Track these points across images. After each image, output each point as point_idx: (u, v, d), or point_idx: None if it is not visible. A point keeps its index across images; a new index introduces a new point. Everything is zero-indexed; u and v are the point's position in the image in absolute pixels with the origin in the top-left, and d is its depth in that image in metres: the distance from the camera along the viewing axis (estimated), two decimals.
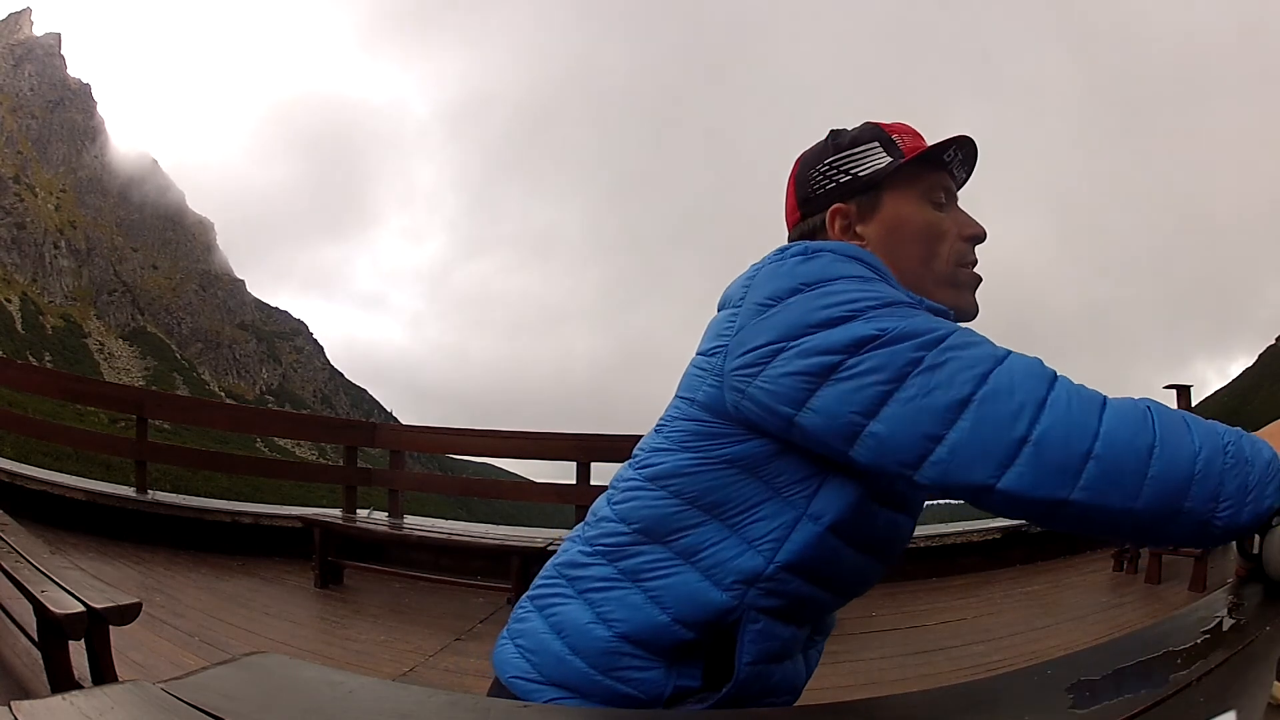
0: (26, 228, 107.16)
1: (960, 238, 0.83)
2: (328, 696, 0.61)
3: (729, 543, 0.73)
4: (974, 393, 0.61)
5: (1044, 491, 0.59)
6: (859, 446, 0.64)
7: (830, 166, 0.85)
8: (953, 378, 0.62)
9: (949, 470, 0.61)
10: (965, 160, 0.85)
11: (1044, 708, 0.57)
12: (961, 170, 0.86)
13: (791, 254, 0.74)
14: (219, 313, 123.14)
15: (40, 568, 2.12)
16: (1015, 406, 0.60)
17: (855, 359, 0.64)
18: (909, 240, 0.81)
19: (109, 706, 0.52)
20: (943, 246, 0.82)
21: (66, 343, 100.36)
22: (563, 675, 0.75)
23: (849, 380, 0.64)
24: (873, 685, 2.60)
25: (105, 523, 4.36)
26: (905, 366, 0.63)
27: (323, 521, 4.15)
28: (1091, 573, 4.47)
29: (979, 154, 0.85)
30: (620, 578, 0.76)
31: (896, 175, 0.82)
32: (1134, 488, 0.59)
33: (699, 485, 0.75)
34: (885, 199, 0.83)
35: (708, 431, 0.75)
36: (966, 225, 0.83)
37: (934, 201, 0.83)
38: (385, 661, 2.96)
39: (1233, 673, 0.61)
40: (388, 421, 39.59)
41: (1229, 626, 0.73)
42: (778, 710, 0.64)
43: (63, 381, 6.46)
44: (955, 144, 0.82)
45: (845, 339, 0.65)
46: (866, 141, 0.84)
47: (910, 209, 0.82)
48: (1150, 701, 0.55)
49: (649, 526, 0.76)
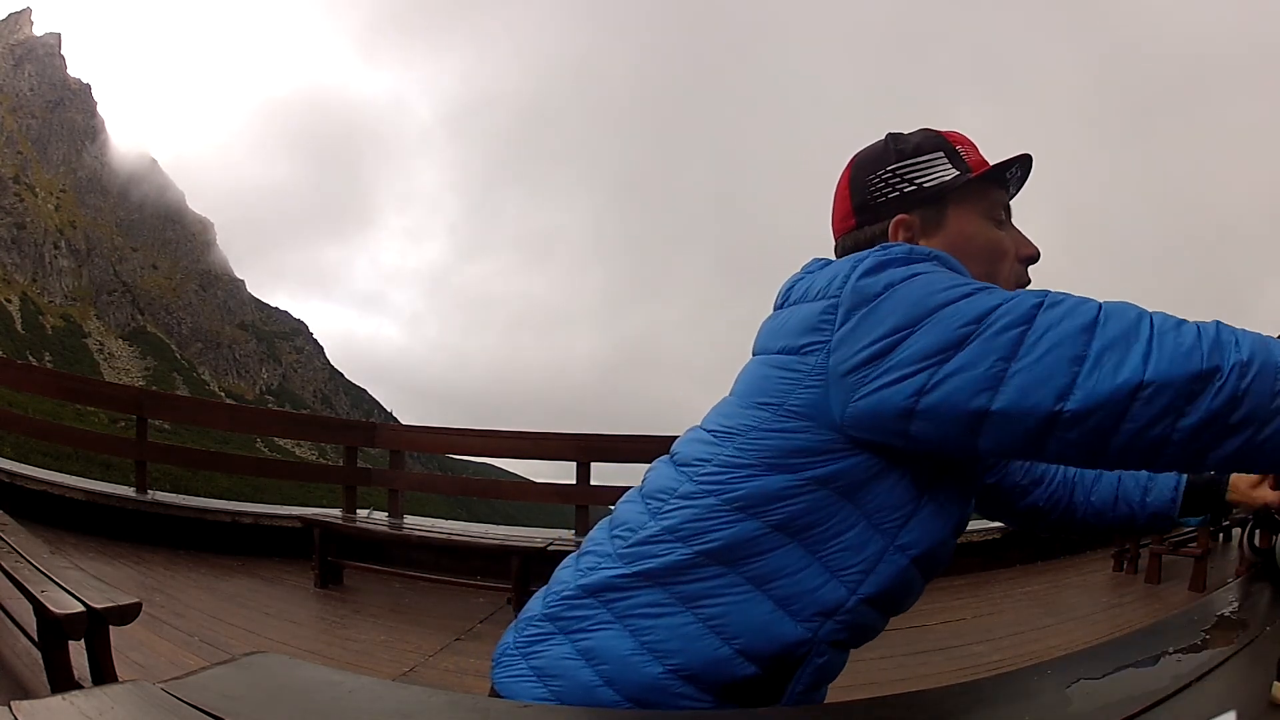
0: (26, 228, 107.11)
1: (1017, 258, 0.82)
2: (328, 696, 0.61)
3: (811, 571, 0.69)
4: (1098, 313, 0.61)
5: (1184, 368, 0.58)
6: (1002, 392, 0.60)
7: (893, 174, 0.81)
8: (1074, 308, 0.61)
9: (1099, 383, 0.58)
10: (1022, 178, 0.84)
11: (1044, 708, 0.57)
12: (1015, 187, 0.84)
13: (897, 250, 0.71)
14: (219, 313, 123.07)
15: (40, 568, 2.12)
16: (1135, 313, 0.61)
17: (984, 324, 0.62)
18: (972, 258, 0.78)
19: (109, 706, 0.52)
20: (1004, 267, 0.81)
21: (66, 343, 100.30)
22: (589, 705, 0.70)
23: (982, 338, 0.61)
24: (873, 685, 2.59)
25: (105, 523, 4.35)
26: (1031, 309, 0.62)
27: (323, 521, 4.14)
28: (1091, 573, 4.47)
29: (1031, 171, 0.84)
30: (674, 604, 0.70)
31: (963, 190, 0.80)
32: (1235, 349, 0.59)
33: (788, 510, 0.69)
34: (950, 214, 0.80)
35: (800, 446, 0.69)
36: (1023, 246, 0.82)
37: (995, 219, 0.82)
38: (385, 661, 2.95)
39: (1233, 673, 0.61)
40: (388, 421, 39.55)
41: (1229, 626, 0.73)
42: (777, 710, 0.63)
43: (63, 381, 6.45)
44: (1018, 162, 0.81)
45: (973, 311, 0.62)
46: (930, 151, 0.81)
47: (975, 226, 0.80)
48: (1150, 701, 0.55)
49: (720, 550, 0.70)
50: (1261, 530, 0.94)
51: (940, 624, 3.48)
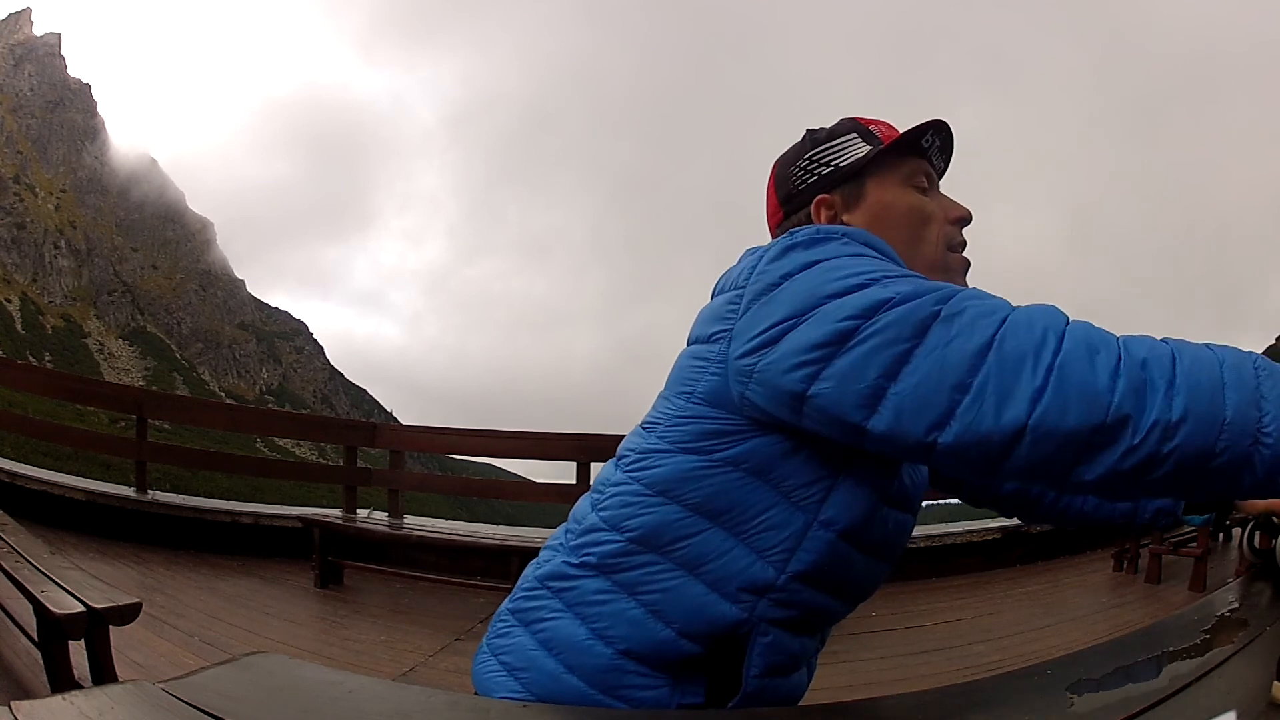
0: (26, 228, 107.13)
1: (947, 221, 0.82)
2: (328, 696, 0.61)
3: (736, 552, 0.70)
4: (995, 332, 0.57)
5: (1081, 416, 0.53)
6: (880, 413, 0.58)
7: (810, 160, 0.84)
8: (973, 323, 0.57)
9: (977, 420, 0.55)
10: (943, 148, 0.84)
11: (1044, 708, 0.57)
12: (940, 158, 0.84)
13: (802, 234, 0.70)
14: (219, 313, 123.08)
15: (40, 568, 2.12)
16: (1040, 333, 0.56)
17: (872, 322, 0.59)
18: (896, 225, 0.79)
19: (109, 706, 0.52)
20: (930, 230, 0.81)
21: (66, 343, 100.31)
22: (558, 694, 0.71)
23: (867, 343, 0.59)
24: (873, 685, 2.59)
25: (105, 523, 4.36)
26: (925, 319, 0.58)
27: (323, 521, 4.14)
28: (1091, 573, 4.47)
29: (954, 142, 0.84)
30: (616, 591, 0.72)
31: (877, 163, 0.81)
32: (1166, 397, 0.53)
33: (702, 491, 0.70)
34: (869, 186, 0.81)
35: (710, 429, 0.70)
36: (952, 208, 0.82)
37: (917, 187, 0.82)
38: (385, 661, 2.95)
39: (1233, 673, 0.61)
40: (388, 421, 39.59)
41: (1229, 626, 0.73)
42: (777, 710, 0.64)
43: (63, 381, 6.46)
44: (932, 128, 0.82)
45: (861, 304, 0.60)
46: (844, 134, 0.84)
47: (894, 194, 0.81)
48: (1150, 701, 0.55)
49: (646, 535, 0.71)
50: (1261, 531, 0.94)
51: (940, 624, 3.48)
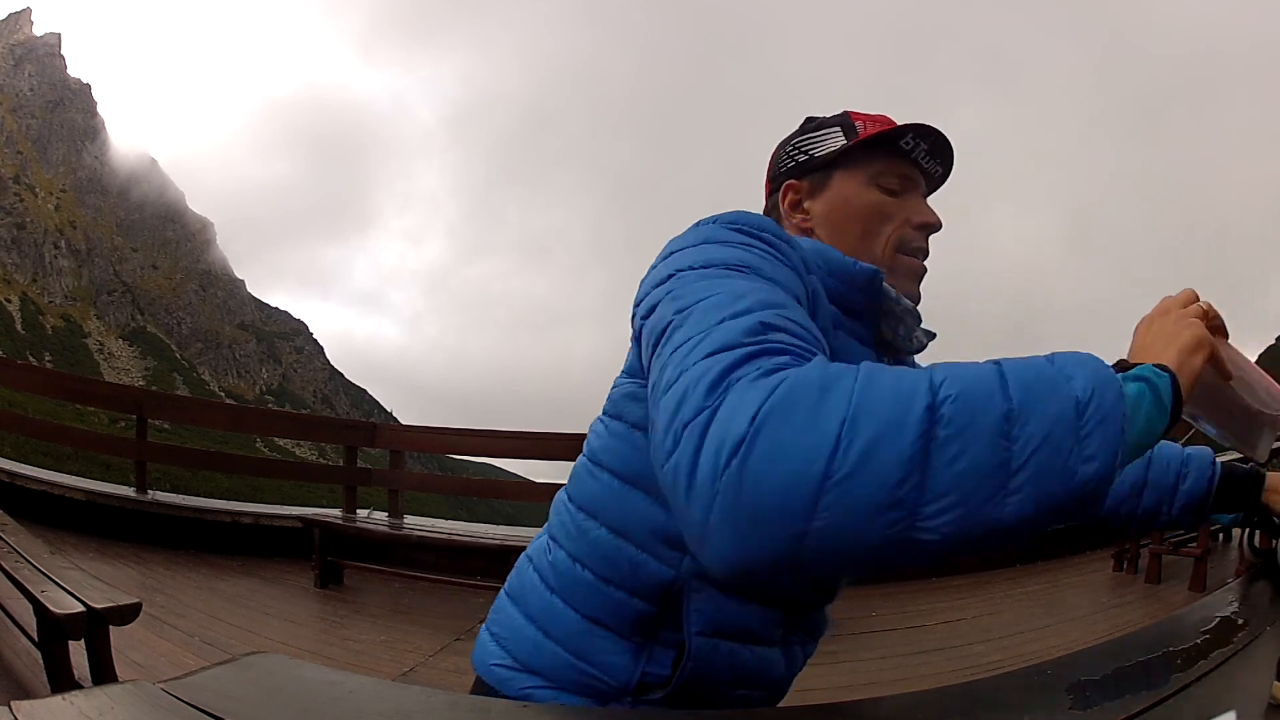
0: (26, 228, 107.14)
1: (910, 224, 0.81)
2: (328, 696, 0.61)
3: (653, 511, 0.71)
4: (720, 374, 0.49)
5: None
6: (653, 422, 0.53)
7: (794, 147, 0.87)
8: (699, 379, 0.49)
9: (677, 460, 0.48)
10: (934, 153, 0.82)
11: (1044, 708, 0.57)
12: (933, 163, 0.83)
13: (707, 223, 0.70)
14: (219, 313, 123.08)
15: (40, 568, 2.12)
16: (720, 373, 0.49)
17: (671, 331, 0.56)
18: (849, 219, 0.81)
19: (109, 706, 0.52)
20: (883, 228, 0.81)
21: (66, 343, 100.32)
22: (540, 662, 0.74)
23: (663, 358, 0.54)
24: (873, 685, 2.59)
25: (105, 523, 4.35)
26: (674, 315, 0.57)
27: (323, 521, 4.14)
28: (1091, 573, 4.47)
29: (953, 150, 0.82)
30: (574, 559, 0.76)
31: (849, 157, 0.82)
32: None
33: (621, 454, 0.74)
34: (835, 179, 0.83)
35: (627, 393, 0.74)
36: (918, 214, 0.82)
37: (884, 186, 0.82)
38: (385, 661, 2.95)
39: (1233, 673, 0.61)
40: (388, 421, 39.58)
41: (1229, 626, 0.73)
42: (777, 710, 0.64)
43: (63, 381, 6.46)
44: (913, 131, 0.80)
45: (654, 280, 0.63)
46: (830, 125, 0.85)
47: (854, 190, 0.82)
48: (1150, 701, 0.55)
49: (587, 504, 0.76)
50: (1261, 531, 0.94)
51: (940, 624, 3.48)
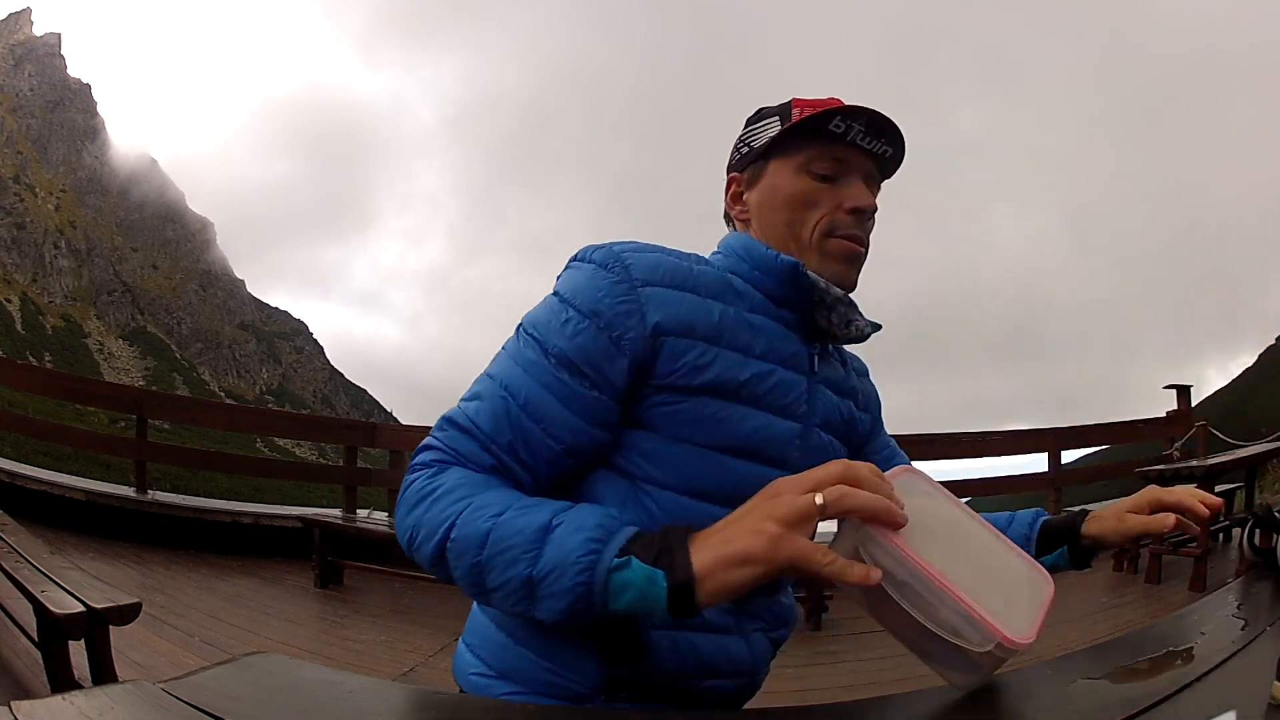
0: (26, 228, 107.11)
1: (841, 209, 0.80)
2: (328, 696, 0.60)
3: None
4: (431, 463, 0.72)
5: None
6: None
7: (740, 141, 0.87)
8: (456, 441, 0.71)
9: None
10: (872, 133, 0.79)
11: (1044, 708, 0.57)
12: (875, 143, 0.80)
13: (576, 255, 0.77)
14: (219, 313, 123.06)
15: (40, 568, 2.12)
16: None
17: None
18: (777, 208, 0.81)
19: (109, 706, 0.52)
20: (810, 215, 0.80)
21: (66, 343, 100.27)
22: (513, 667, 0.74)
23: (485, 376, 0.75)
24: (873, 685, 2.59)
25: (105, 523, 4.35)
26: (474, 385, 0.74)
27: (323, 521, 4.14)
28: (1091, 573, 4.46)
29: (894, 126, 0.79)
30: None
31: (782, 145, 0.81)
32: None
33: None
34: (769, 168, 0.83)
35: None
36: (850, 198, 0.80)
37: (816, 173, 0.80)
38: (385, 661, 2.95)
39: (1233, 673, 0.61)
40: (388, 421, 39.54)
41: (1229, 626, 0.73)
42: (776, 710, 0.64)
43: (63, 381, 6.46)
44: (842, 113, 0.78)
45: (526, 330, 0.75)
46: (770, 115, 0.84)
47: (784, 178, 0.81)
48: (1150, 701, 0.55)
49: None
50: (1262, 530, 0.94)
51: None
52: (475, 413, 0.71)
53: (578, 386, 0.70)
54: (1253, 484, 4.63)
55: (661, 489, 0.71)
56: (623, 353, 0.70)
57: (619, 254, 0.73)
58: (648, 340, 0.70)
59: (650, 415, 0.72)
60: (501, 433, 0.69)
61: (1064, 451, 5.58)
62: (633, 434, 0.72)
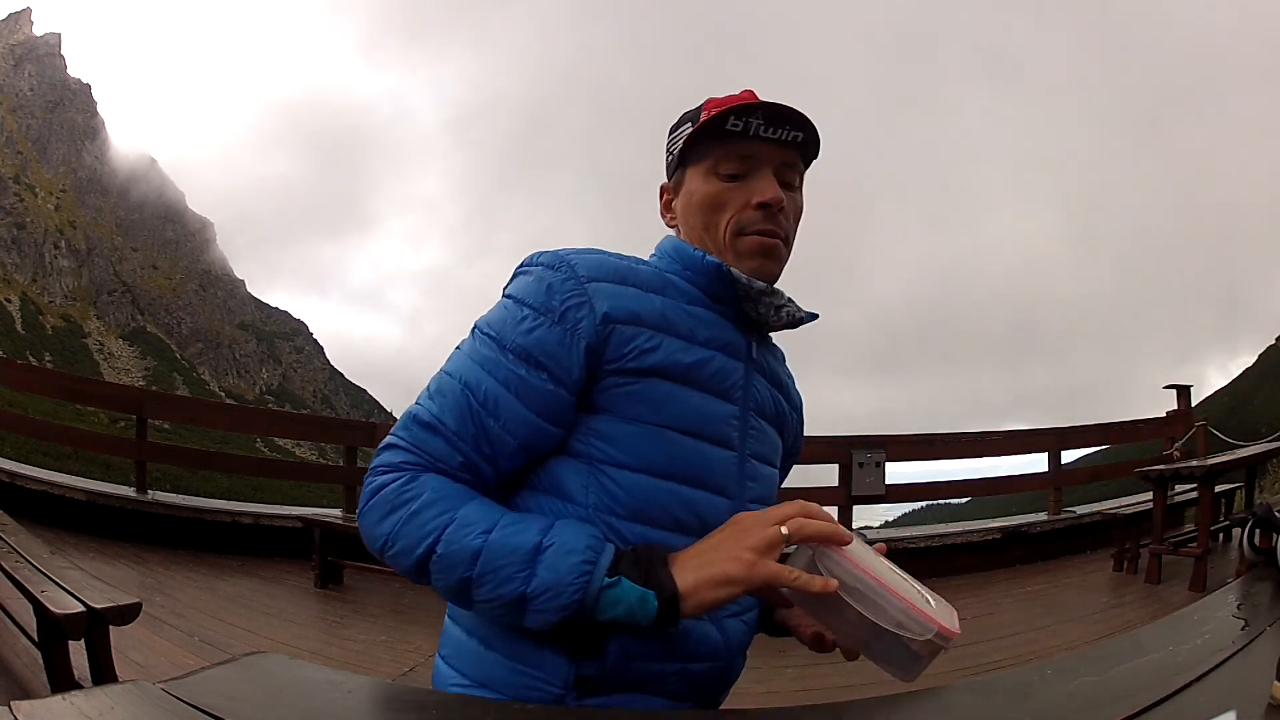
0: (26, 228, 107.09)
1: (749, 206, 0.81)
2: (328, 696, 0.61)
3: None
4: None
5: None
6: None
7: (666, 149, 0.88)
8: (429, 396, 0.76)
9: None
10: (773, 123, 0.79)
11: (1044, 708, 0.57)
12: (782, 132, 0.80)
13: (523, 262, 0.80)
14: (219, 313, 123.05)
15: (40, 568, 2.12)
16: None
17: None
18: (692, 213, 0.84)
19: (109, 706, 0.52)
20: (720, 217, 0.82)
21: (66, 343, 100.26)
22: (487, 674, 0.75)
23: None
24: (873, 685, 2.58)
25: (105, 523, 4.36)
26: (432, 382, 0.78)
27: (323, 521, 4.15)
28: (1091, 573, 4.47)
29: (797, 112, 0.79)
30: None
31: (694, 150, 0.83)
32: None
33: None
34: (687, 175, 0.85)
35: None
36: (757, 193, 0.80)
37: (724, 173, 0.81)
38: (385, 661, 2.95)
39: (1233, 673, 0.61)
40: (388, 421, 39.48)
41: (1229, 626, 0.73)
42: (775, 710, 0.64)
43: (63, 381, 6.46)
44: (736, 112, 0.78)
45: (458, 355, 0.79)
46: (686, 121, 0.85)
47: (696, 183, 0.83)
48: (1150, 701, 0.55)
49: None
50: (1261, 530, 0.94)
51: None
52: (440, 409, 0.74)
53: (535, 380, 0.73)
54: (1253, 484, 4.64)
55: (618, 468, 0.75)
56: (577, 342, 0.74)
57: (563, 256, 0.78)
58: (598, 328, 0.74)
59: (604, 398, 0.75)
60: (466, 428, 0.73)
61: (1064, 451, 5.59)
62: (589, 418, 0.76)
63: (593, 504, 0.73)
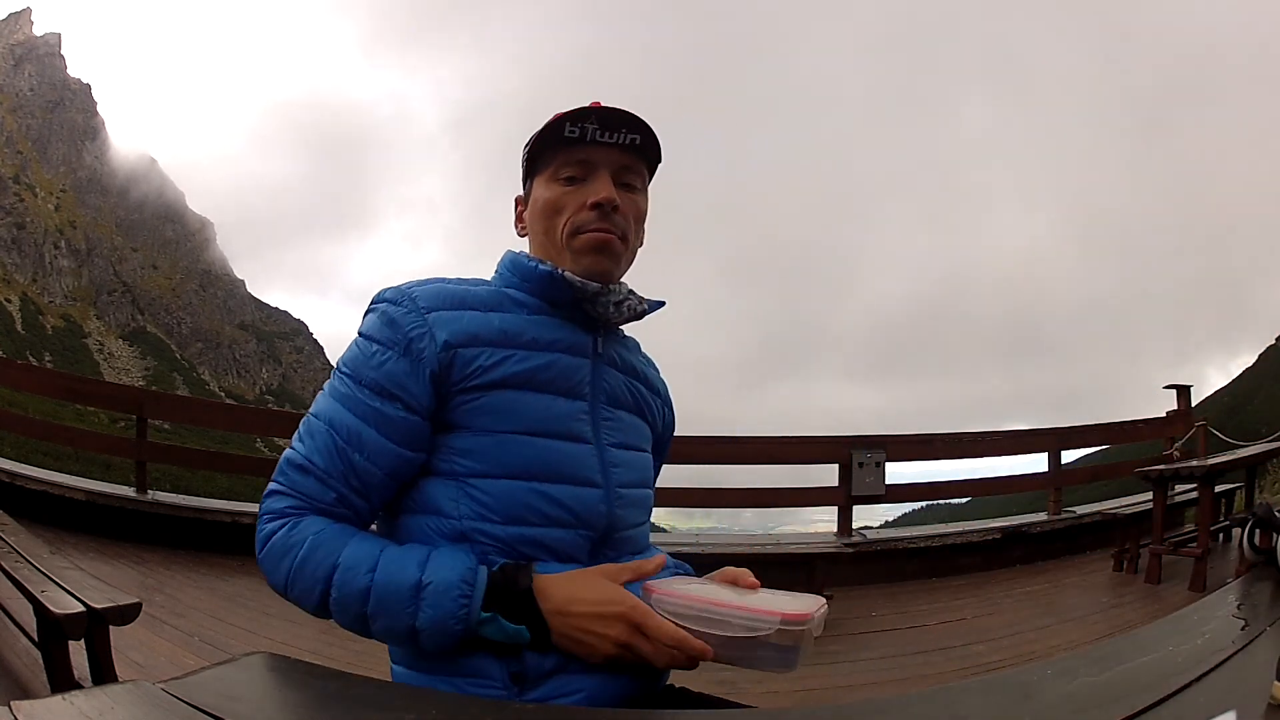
0: (26, 228, 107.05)
1: (585, 207, 0.85)
2: (327, 697, 0.61)
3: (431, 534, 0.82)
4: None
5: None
6: None
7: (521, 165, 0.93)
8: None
9: None
10: (607, 127, 0.84)
11: (1044, 708, 0.57)
12: (619, 135, 0.84)
13: (372, 300, 0.85)
14: (219, 313, 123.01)
15: (40, 568, 2.12)
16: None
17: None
18: (536, 219, 0.89)
19: (109, 706, 0.52)
20: (558, 220, 0.87)
21: (66, 343, 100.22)
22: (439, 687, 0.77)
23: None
24: (873, 685, 2.59)
25: (105, 523, 4.36)
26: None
27: None
28: (1091, 573, 4.47)
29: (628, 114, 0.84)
30: None
31: (539, 161, 0.88)
32: None
33: None
34: (534, 185, 0.90)
35: None
36: (592, 194, 0.85)
37: (563, 178, 0.86)
38: (385, 661, 2.94)
39: (1233, 673, 0.61)
40: None
41: (1229, 626, 0.73)
42: (775, 710, 0.64)
43: (63, 381, 6.46)
44: (570, 119, 0.84)
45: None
46: (536, 133, 0.88)
47: (540, 190, 0.88)
48: (1150, 701, 0.55)
49: None
50: (1261, 530, 0.94)
51: (940, 624, 3.47)
52: (309, 450, 0.80)
53: (390, 411, 0.79)
54: (1253, 484, 4.64)
55: (481, 478, 0.79)
56: (422, 370, 0.79)
57: (405, 291, 0.83)
58: (440, 355, 0.79)
59: (456, 415, 0.80)
60: (334, 465, 0.79)
61: (1064, 451, 5.58)
62: (447, 436, 0.81)
63: (465, 515, 0.78)
